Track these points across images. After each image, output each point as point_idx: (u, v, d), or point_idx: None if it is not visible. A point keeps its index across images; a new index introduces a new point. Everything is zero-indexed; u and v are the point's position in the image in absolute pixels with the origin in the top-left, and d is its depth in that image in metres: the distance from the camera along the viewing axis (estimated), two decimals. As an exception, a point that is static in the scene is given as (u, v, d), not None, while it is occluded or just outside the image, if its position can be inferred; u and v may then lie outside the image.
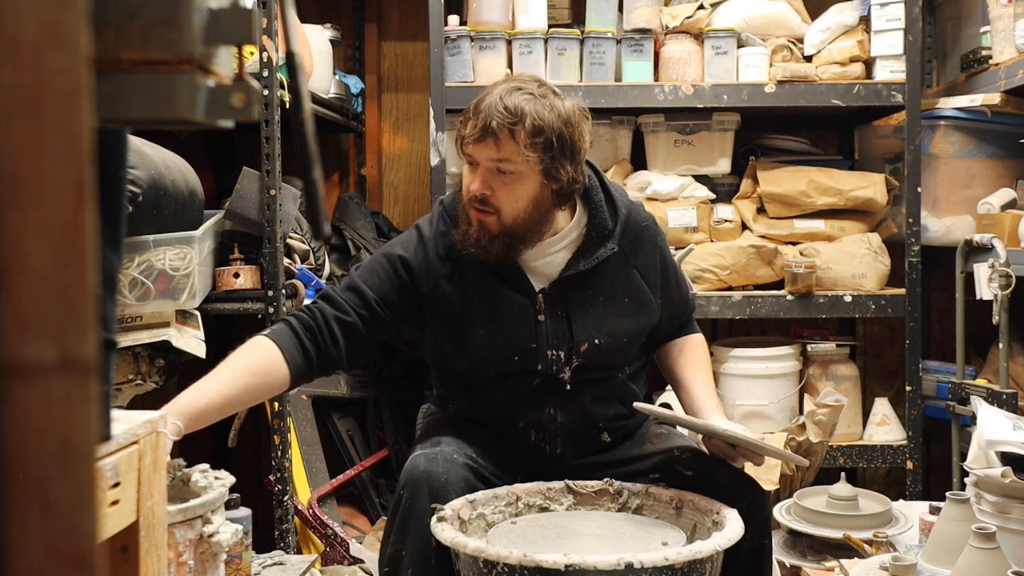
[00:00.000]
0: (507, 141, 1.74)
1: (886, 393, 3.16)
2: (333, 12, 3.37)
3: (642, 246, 1.92)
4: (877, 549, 2.13)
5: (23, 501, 0.53)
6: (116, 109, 0.63)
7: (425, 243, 1.89)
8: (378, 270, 1.89)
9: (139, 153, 2.02)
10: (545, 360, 1.84)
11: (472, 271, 1.86)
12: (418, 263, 1.87)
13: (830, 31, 2.85)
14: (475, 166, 1.79)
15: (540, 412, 1.87)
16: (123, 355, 2.17)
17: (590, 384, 1.87)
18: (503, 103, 1.74)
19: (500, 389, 1.88)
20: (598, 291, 1.87)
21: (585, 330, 1.85)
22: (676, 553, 1.44)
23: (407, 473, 1.72)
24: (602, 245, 1.87)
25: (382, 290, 1.87)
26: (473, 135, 1.76)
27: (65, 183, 0.53)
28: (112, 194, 0.93)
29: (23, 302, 0.52)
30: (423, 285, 1.87)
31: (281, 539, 2.44)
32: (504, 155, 1.75)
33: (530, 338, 1.84)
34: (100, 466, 0.90)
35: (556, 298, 1.86)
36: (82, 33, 0.53)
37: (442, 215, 1.91)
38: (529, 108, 1.74)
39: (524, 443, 1.89)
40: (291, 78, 0.80)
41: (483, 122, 1.74)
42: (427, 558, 1.67)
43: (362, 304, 1.86)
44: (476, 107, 1.78)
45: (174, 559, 1.61)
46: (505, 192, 1.78)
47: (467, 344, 1.86)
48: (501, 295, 1.85)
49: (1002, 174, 2.83)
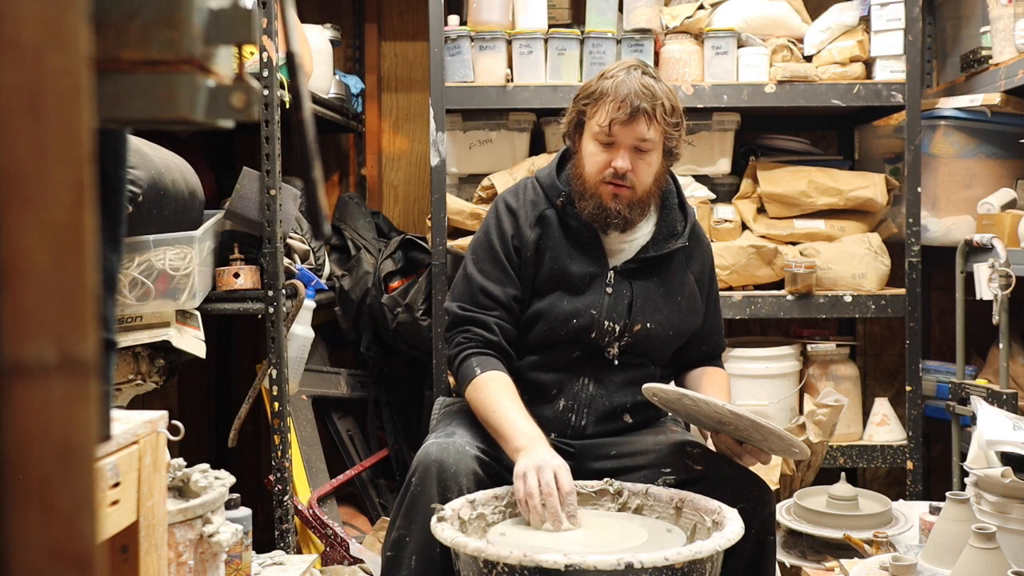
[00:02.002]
0: (652, 120, 1.90)
1: (886, 393, 3.17)
2: (333, 12, 3.37)
3: (700, 255, 2.10)
4: (877, 549, 2.13)
5: (23, 501, 0.53)
6: (116, 109, 0.63)
7: (515, 213, 2.02)
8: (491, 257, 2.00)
9: (139, 153, 2.02)
10: (600, 330, 1.96)
11: (557, 240, 1.99)
12: (514, 230, 2.00)
13: (830, 31, 2.85)
14: (611, 146, 1.92)
15: (575, 381, 1.97)
16: (123, 355, 2.17)
17: (627, 368, 1.99)
18: (642, 85, 1.90)
19: (545, 351, 1.98)
20: (660, 282, 2.02)
21: (643, 312, 1.98)
22: (676, 553, 1.44)
23: (419, 459, 1.77)
24: (671, 240, 2.03)
25: (504, 277, 1.99)
26: (622, 116, 1.88)
27: (65, 183, 0.53)
28: (112, 194, 0.93)
29: (23, 302, 0.52)
30: (521, 249, 2.00)
31: (281, 539, 2.44)
32: (650, 134, 1.91)
33: (593, 305, 1.96)
34: (100, 466, 0.90)
35: (625, 277, 1.99)
36: (82, 33, 0.53)
37: (536, 187, 2.05)
38: (660, 89, 1.92)
39: (552, 411, 1.97)
40: (291, 78, 0.80)
41: (631, 104, 1.88)
42: (432, 545, 1.68)
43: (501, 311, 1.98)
44: (613, 90, 1.90)
45: (174, 559, 1.61)
46: (642, 167, 1.93)
47: (536, 302, 1.97)
48: (578, 265, 1.98)
49: (1002, 174, 2.83)
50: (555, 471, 1.67)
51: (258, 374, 2.54)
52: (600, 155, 1.93)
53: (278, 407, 2.43)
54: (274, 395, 2.42)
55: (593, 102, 1.94)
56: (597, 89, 1.93)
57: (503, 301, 1.97)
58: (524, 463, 1.69)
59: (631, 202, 1.94)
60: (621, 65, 1.96)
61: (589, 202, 1.95)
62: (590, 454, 1.95)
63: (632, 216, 1.96)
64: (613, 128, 1.90)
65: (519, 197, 2.04)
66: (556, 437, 1.95)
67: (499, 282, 1.98)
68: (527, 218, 2.00)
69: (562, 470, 1.69)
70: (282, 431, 2.43)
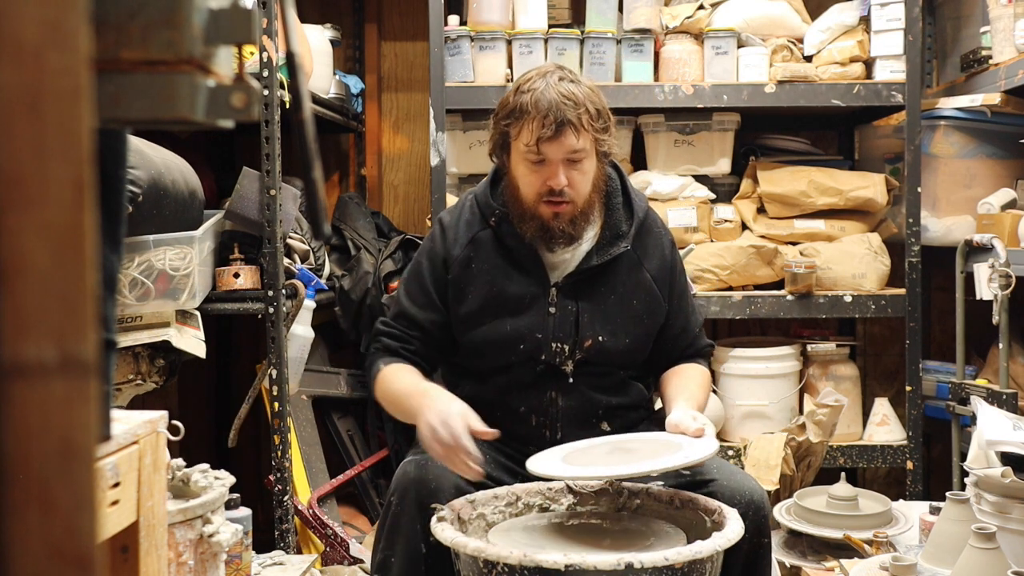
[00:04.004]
0: (580, 130, 1.80)
1: (886, 393, 3.16)
2: (333, 12, 3.37)
3: (656, 250, 1.98)
4: (877, 549, 2.13)
5: (23, 501, 0.53)
6: (116, 109, 0.63)
7: (446, 233, 1.96)
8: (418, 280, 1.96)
9: (139, 153, 2.02)
10: (549, 351, 1.89)
11: (491, 260, 1.92)
12: (444, 252, 1.94)
13: (830, 31, 2.85)
14: (542, 163, 1.82)
15: (541, 396, 1.91)
16: (123, 355, 2.17)
17: (591, 376, 1.92)
18: (561, 94, 1.78)
19: (504, 373, 1.92)
20: (609, 289, 1.92)
21: (591, 326, 1.89)
22: (676, 553, 1.44)
23: (397, 479, 1.74)
24: (615, 244, 1.92)
25: (427, 301, 1.94)
26: (547, 133, 1.78)
27: (65, 183, 0.53)
28: (112, 194, 0.93)
29: (23, 302, 0.52)
30: (450, 271, 1.94)
31: (281, 539, 2.44)
32: (580, 144, 1.81)
33: (537, 327, 1.89)
34: (100, 466, 0.90)
35: (568, 292, 1.91)
36: (82, 33, 0.53)
37: (472, 206, 1.97)
38: (581, 94, 1.81)
39: (525, 428, 1.92)
40: (291, 78, 0.80)
41: (554, 118, 1.77)
42: (416, 565, 1.67)
43: (419, 332, 1.94)
44: (532, 106, 1.79)
45: (174, 559, 1.62)
46: (578, 179, 1.84)
47: (477, 328, 1.91)
48: (517, 285, 1.91)
49: (1002, 174, 2.83)
50: (461, 417, 1.66)
51: (258, 374, 2.54)
52: (532, 175, 1.84)
53: (278, 407, 2.43)
54: (274, 395, 2.42)
55: (515, 120, 1.82)
56: (516, 106, 1.82)
57: (423, 326, 1.94)
58: (426, 417, 1.67)
59: (573, 216, 1.85)
60: (537, 73, 1.85)
61: (530, 224, 1.87)
62: None
63: (576, 231, 1.87)
64: (541, 146, 1.79)
65: (455, 216, 1.98)
66: (536, 451, 1.90)
67: (422, 306, 1.94)
68: (458, 238, 1.94)
69: (466, 416, 1.66)
70: (282, 431, 2.43)
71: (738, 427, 2.85)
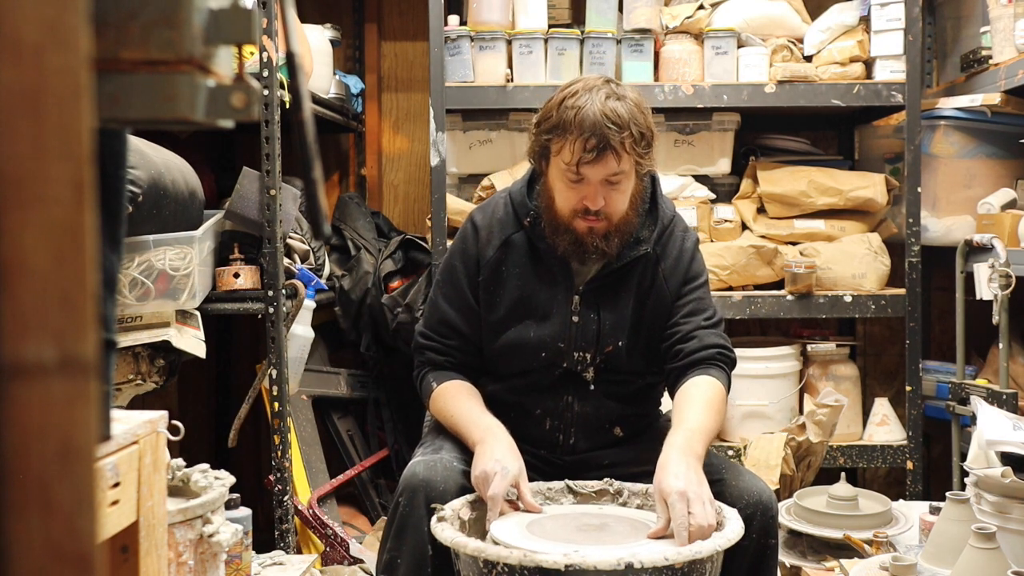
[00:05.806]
0: (622, 154, 1.76)
1: (886, 393, 3.16)
2: (333, 12, 3.37)
3: (673, 250, 1.94)
4: (877, 549, 2.13)
5: (23, 501, 0.53)
6: (116, 109, 0.63)
7: (479, 233, 1.95)
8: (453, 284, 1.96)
9: (139, 153, 2.02)
10: (571, 360, 1.90)
11: (521, 265, 1.91)
12: (477, 253, 1.94)
13: (830, 31, 2.85)
14: (580, 182, 1.79)
15: (558, 400, 1.92)
16: (123, 355, 2.17)
17: (610, 384, 1.93)
18: (606, 116, 1.73)
19: (523, 376, 1.93)
20: (627, 291, 1.91)
21: (613, 332, 1.89)
22: (676, 553, 1.44)
23: (405, 480, 1.74)
24: (635, 248, 1.90)
25: (464, 304, 1.95)
26: (589, 157, 1.74)
27: (65, 183, 0.53)
28: (112, 194, 0.93)
29: (23, 302, 0.52)
30: (481, 273, 1.93)
31: (281, 539, 2.44)
32: (621, 168, 1.77)
33: (560, 337, 1.89)
34: (100, 466, 0.90)
35: (589, 300, 1.90)
36: (82, 33, 0.53)
37: (507, 204, 1.95)
38: (626, 113, 1.75)
39: (539, 431, 1.93)
40: (291, 78, 0.80)
41: (597, 141, 1.73)
42: (423, 566, 1.67)
43: (459, 341, 1.95)
44: (576, 125, 1.74)
45: (174, 559, 1.61)
46: (615, 198, 1.81)
47: (503, 334, 1.91)
48: (544, 292, 1.91)
49: (1002, 174, 2.83)
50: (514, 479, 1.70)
51: (258, 374, 2.54)
52: (569, 191, 1.81)
53: (278, 407, 2.43)
54: (274, 395, 2.42)
55: (556, 136, 1.78)
56: (560, 121, 1.77)
57: (462, 331, 1.94)
58: (484, 463, 1.71)
59: (607, 232, 1.83)
60: (584, 86, 1.79)
61: (564, 236, 1.85)
62: (584, 468, 1.91)
63: (610, 247, 1.85)
64: (581, 168, 1.76)
65: (488, 215, 1.96)
66: (547, 454, 1.94)
67: (459, 311, 1.94)
68: (491, 239, 1.92)
69: (519, 478, 1.71)
70: (282, 431, 2.43)
71: (738, 427, 2.85)
